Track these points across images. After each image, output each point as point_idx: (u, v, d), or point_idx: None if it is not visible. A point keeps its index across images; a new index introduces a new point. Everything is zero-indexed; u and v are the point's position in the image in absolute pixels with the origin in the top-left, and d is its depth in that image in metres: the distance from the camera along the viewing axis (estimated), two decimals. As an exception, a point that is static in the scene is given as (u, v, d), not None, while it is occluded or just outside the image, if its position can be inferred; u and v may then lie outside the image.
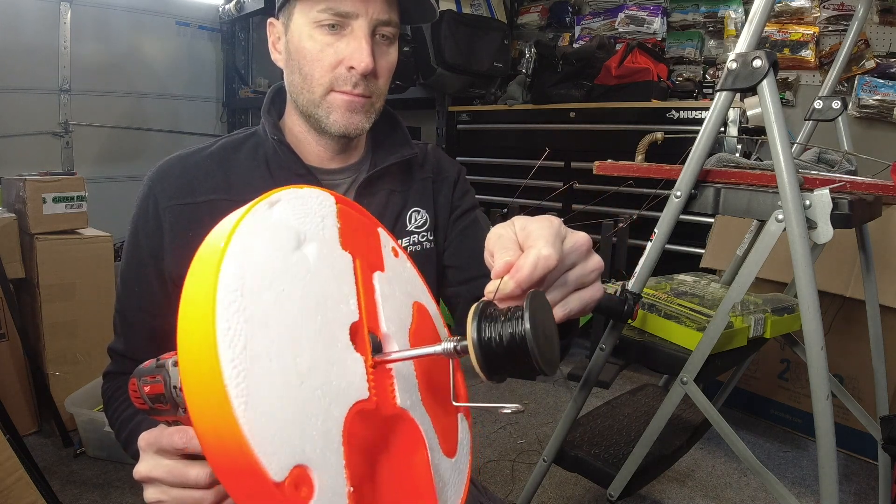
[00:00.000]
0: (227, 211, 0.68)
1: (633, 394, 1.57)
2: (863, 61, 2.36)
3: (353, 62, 0.67)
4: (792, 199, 0.89)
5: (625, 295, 1.05)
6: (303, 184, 0.46)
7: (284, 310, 0.37)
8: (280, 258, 0.39)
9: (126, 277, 0.73)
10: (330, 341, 0.40)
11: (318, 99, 0.70)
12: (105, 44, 3.18)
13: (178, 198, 0.70)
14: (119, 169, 3.23)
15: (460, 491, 0.49)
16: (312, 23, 0.67)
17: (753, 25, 0.95)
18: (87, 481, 1.66)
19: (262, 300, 0.36)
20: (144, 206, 0.71)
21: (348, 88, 0.69)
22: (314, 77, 0.69)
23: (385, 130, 0.84)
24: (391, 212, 0.80)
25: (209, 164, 0.73)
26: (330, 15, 0.66)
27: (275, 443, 0.33)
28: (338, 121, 0.70)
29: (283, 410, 0.34)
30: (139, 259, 0.71)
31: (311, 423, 0.36)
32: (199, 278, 0.35)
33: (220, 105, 3.85)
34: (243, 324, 0.34)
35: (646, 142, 1.31)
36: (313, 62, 0.68)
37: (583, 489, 1.73)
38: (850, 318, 1.82)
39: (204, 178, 0.72)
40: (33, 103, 2.93)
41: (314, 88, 0.70)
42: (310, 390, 0.36)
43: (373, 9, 0.67)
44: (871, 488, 1.74)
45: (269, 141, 0.75)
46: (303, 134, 0.76)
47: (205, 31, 3.70)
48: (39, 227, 1.88)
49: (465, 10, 2.97)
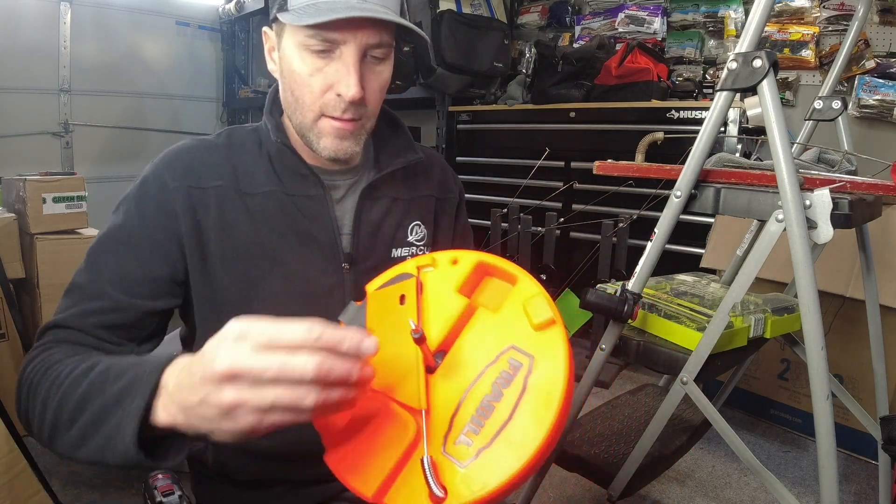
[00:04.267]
0: (234, 198, 0.72)
1: (633, 394, 1.57)
2: (863, 61, 2.36)
3: (340, 90, 0.66)
4: (792, 199, 0.89)
5: (625, 295, 1.05)
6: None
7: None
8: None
9: (102, 251, 0.69)
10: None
11: (310, 123, 0.70)
12: (105, 44, 3.18)
13: (187, 180, 0.71)
14: (119, 169, 3.23)
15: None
16: (301, 45, 0.66)
17: (753, 25, 0.95)
18: (87, 481, 1.66)
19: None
20: (146, 188, 0.71)
21: (338, 115, 0.68)
22: (305, 102, 0.69)
23: (387, 133, 0.84)
24: (394, 219, 0.81)
25: (215, 154, 0.74)
26: (318, 41, 0.65)
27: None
28: (328, 146, 0.71)
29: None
30: (128, 235, 0.69)
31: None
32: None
33: (220, 105, 3.85)
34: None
35: (646, 142, 1.31)
36: (303, 87, 0.68)
37: (583, 489, 1.73)
38: (850, 318, 1.82)
39: (211, 165, 0.72)
40: (33, 103, 2.93)
41: (306, 113, 0.70)
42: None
43: (362, 35, 0.65)
44: (871, 488, 1.74)
45: (272, 140, 0.75)
46: (299, 143, 0.76)
47: (205, 31, 3.70)
48: (39, 227, 1.88)
49: (465, 10, 2.97)
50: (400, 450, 0.50)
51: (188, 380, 0.45)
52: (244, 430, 0.44)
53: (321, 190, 0.75)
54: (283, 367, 0.42)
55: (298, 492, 0.77)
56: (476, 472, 0.47)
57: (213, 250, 0.71)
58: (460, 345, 0.55)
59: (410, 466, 0.50)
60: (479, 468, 0.47)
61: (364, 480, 0.50)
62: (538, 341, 0.51)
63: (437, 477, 0.48)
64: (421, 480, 0.48)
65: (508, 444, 0.47)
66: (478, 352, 0.53)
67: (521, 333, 0.52)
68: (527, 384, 0.49)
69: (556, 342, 0.51)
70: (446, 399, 0.52)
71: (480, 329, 0.55)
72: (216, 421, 0.44)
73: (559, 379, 0.49)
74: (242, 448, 0.75)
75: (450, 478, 0.48)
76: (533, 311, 0.52)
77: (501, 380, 0.51)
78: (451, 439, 0.50)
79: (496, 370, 0.51)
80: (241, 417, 0.43)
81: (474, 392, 0.51)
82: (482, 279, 0.59)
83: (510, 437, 0.48)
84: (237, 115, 3.90)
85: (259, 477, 0.77)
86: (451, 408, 0.51)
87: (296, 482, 0.77)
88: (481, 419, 0.49)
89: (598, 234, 2.27)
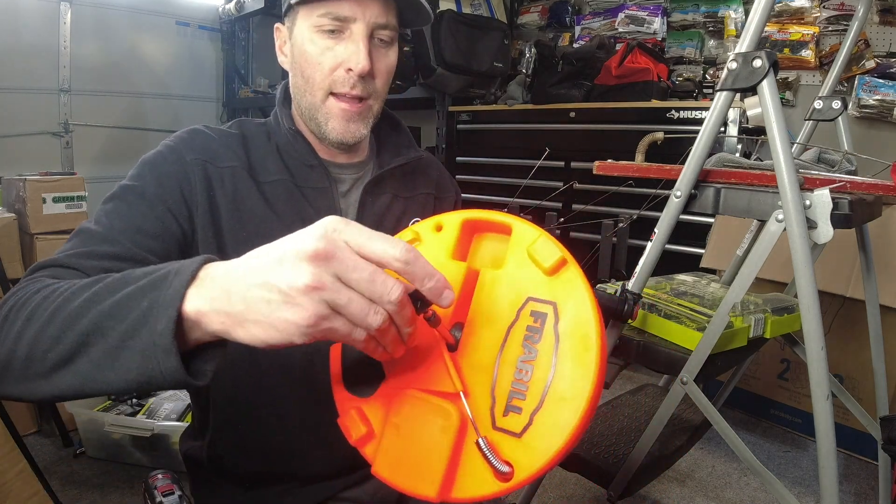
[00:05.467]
0: (247, 180, 0.72)
1: (633, 394, 1.57)
2: (863, 61, 2.36)
3: (350, 64, 0.70)
4: (792, 199, 0.89)
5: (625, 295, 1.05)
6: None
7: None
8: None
9: (115, 203, 0.66)
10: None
11: (319, 103, 0.73)
12: (105, 44, 3.18)
13: (203, 156, 0.71)
14: (119, 169, 3.22)
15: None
16: (313, 27, 0.70)
17: (753, 25, 0.95)
18: (87, 481, 1.66)
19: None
20: (163, 156, 0.70)
21: (346, 90, 0.72)
22: (315, 80, 0.72)
23: (387, 133, 0.87)
24: (393, 215, 0.83)
25: (230, 139, 0.75)
26: (329, 20, 0.69)
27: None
28: (335, 128, 0.73)
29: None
30: (142, 192, 0.67)
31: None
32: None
33: (220, 105, 3.85)
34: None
35: (646, 142, 1.30)
36: (314, 65, 0.71)
37: (583, 489, 1.73)
38: (850, 318, 1.82)
39: (226, 147, 0.74)
40: (33, 103, 2.93)
41: (315, 92, 0.73)
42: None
43: (370, 13, 0.69)
44: (871, 488, 1.74)
45: (283, 131, 0.77)
46: (308, 133, 0.79)
47: (205, 31, 3.69)
48: (39, 227, 1.88)
49: (465, 10, 2.97)
50: (449, 440, 0.47)
51: (255, 261, 0.41)
52: (290, 326, 0.39)
53: (328, 182, 0.77)
54: (373, 276, 0.40)
55: (297, 491, 0.77)
56: (536, 437, 0.45)
57: (226, 226, 0.71)
58: (474, 313, 0.51)
59: (466, 453, 0.47)
60: (537, 432, 0.45)
61: (424, 483, 0.47)
62: (555, 286, 0.48)
63: (498, 455, 0.45)
64: (482, 464, 0.46)
65: (560, 398, 0.45)
66: (495, 315, 0.50)
67: (534, 283, 0.49)
68: (558, 333, 0.46)
69: (574, 280, 0.48)
70: (479, 373, 0.49)
71: (490, 290, 0.51)
72: (268, 305, 0.39)
73: (589, 317, 0.46)
74: (241, 442, 0.76)
75: (510, 451, 0.45)
76: (540, 255, 0.49)
77: (530, 336, 0.47)
78: (499, 412, 0.47)
79: (521, 328, 0.48)
80: (304, 307, 0.39)
81: (506, 357, 0.48)
82: (472, 238, 0.56)
83: (559, 391, 0.45)
84: (237, 115, 3.90)
85: (257, 470, 0.77)
86: (488, 381, 0.48)
87: (294, 479, 0.77)
88: (523, 382, 0.46)
89: (597, 234, 2.26)
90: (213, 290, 0.42)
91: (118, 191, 0.68)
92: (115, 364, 0.42)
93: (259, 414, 0.74)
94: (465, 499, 0.46)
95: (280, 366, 0.73)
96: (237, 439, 0.76)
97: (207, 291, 0.42)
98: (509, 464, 0.45)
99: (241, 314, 0.40)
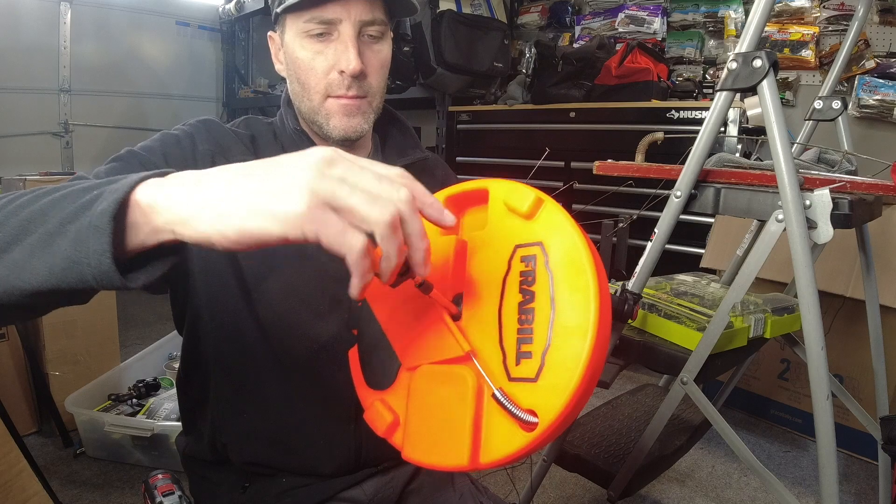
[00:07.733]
0: None
1: (633, 394, 1.57)
2: (863, 61, 2.36)
3: (341, 66, 0.70)
4: (792, 199, 0.89)
5: (625, 295, 1.05)
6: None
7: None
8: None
9: (117, 166, 0.65)
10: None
11: (317, 106, 0.74)
12: (105, 44, 3.18)
13: (214, 148, 0.72)
14: (119, 169, 3.22)
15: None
16: (302, 33, 0.71)
17: (753, 25, 0.95)
18: (87, 481, 1.66)
19: None
20: (179, 138, 0.71)
21: (342, 92, 0.72)
22: (311, 85, 0.73)
23: (390, 132, 0.87)
24: None
25: (240, 136, 0.76)
26: (316, 24, 0.69)
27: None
28: (337, 126, 0.74)
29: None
30: (144, 162, 0.67)
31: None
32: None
33: (220, 105, 3.86)
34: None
35: (646, 142, 1.31)
36: (308, 71, 0.72)
37: (583, 489, 1.73)
38: (850, 318, 1.82)
39: (236, 143, 0.75)
40: (33, 103, 2.94)
41: (312, 96, 0.73)
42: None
43: (355, 11, 0.69)
44: (871, 488, 1.74)
45: (287, 132, 0.78)
46: (311, 133, 0.79)
47: (205, 31, 3.70)
48: (39, 227, 1.88)
49: (465, 10, 2.97)
50: (469, 403, 0.47)
51: (251, 167, 0.39)
52: (282, 213, 0.36)
53: None
54: (378, 179, 0.39)
55: (297, 491, 0.77)
56: (552, 376, 0.44)
57: None
58: (470, 278, 0.52)
59: (488, 412, 0.47)
60: (552, 371, 0.44)
61: (453, 454, 0.46)
62: (536, 226, 0.48)
63: (518, 405, 0.44)
64: (505, 420, 0.45)
65: (566, 331, 0.44)
66: (489, 272, 0.50)
67: (517, 230, 0.49)
68: (550, 269, 0.46)
69: (553, 216, 0.48)
70: (485, 331, 0.49)
71: (480, 253, 0.52)
72: (256, 195, 0.37)
73: (576, 244, 0.46)
74: (244, 430, 0.76)
75: (531, 398, 0.45)
76: (515, 203, 0.49)
77: (525, 281, 0.47)
78: (510, 363, 0.46)
79: (515, 276, 0.48)
80: (301, 193, 0.36)
81: (507, 307, 0.48)
82: (463, 215, 0.56)
83: (563, 323, 0.44)
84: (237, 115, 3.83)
85: (259, 461, 0.76)
86: (494, 336, 0.48)
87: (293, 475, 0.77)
88: (528, 326, 0.46)
89: (598, 234, 2.26)
90: (179, 181, 0.39)
91: (124, 153, 0.68)
92: (46, 250, 0.38)
93: (265, 404, 0.75)
94: (498, 459, 0.46)
95: (288, 360, 0.73)
96: (241, 426, 0.76)
97: (171, 183, 0.39)
98: (532, 412, 0.44)
99: (211, 202, 0.37)
